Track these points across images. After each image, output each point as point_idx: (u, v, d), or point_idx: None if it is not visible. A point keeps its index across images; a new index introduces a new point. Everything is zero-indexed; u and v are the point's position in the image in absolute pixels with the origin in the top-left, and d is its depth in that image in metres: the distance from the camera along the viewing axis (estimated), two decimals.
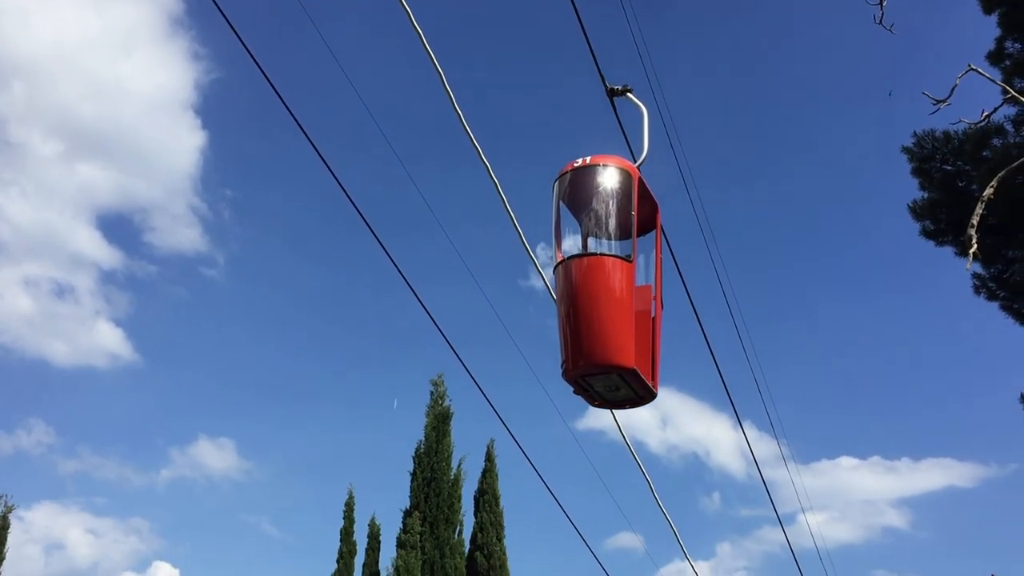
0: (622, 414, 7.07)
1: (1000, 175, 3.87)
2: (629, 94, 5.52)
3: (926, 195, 11.08)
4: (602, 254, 4.63)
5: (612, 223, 4.76)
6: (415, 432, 26.22)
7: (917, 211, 11.11)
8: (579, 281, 4.58)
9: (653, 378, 4.69)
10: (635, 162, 5.06)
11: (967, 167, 10.49)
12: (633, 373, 4.46)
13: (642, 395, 4.70)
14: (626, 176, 4.78)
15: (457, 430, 26.29)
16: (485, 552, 28.13)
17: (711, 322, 6.02)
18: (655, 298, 4.89)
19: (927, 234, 11.03)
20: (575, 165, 4.83)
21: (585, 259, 4.63)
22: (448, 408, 26.09)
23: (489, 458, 29.97)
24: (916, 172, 10.94)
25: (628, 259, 4.59)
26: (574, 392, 4.72)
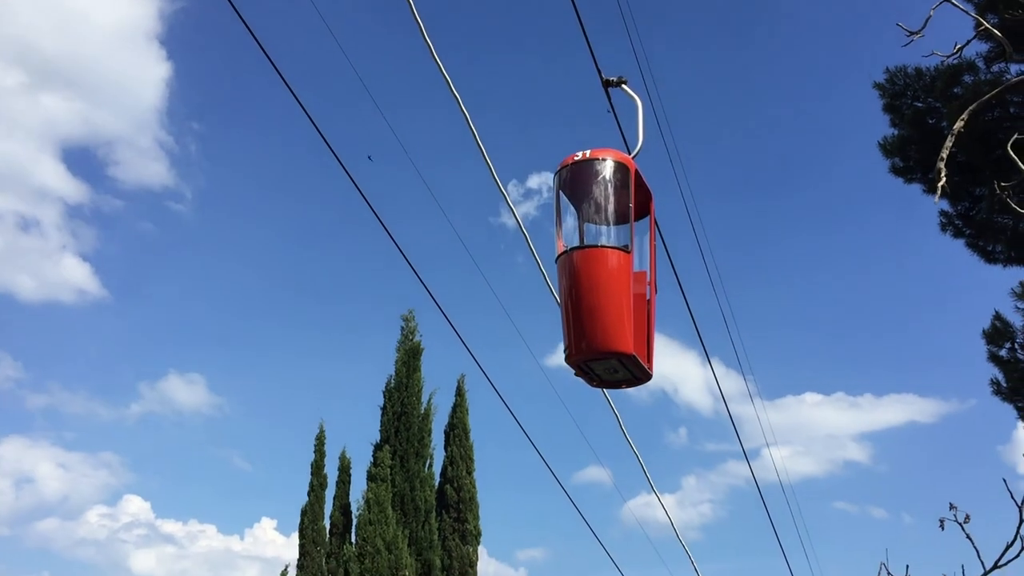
0: None
1: (971, 108, 3.88)
2: (624, 86, 5.79)
3: (896, 132, 11.07)
4: (602, 246, 4.90)
5: (610, 211, 5.03)
6: (385, 367, 26.31)
7: (887, 148, 11.12)
8: (580, 271, 4.86)
9: (649, 360, 4.98)
10: (630, 153, 5.32)
11: (937, 104, 10.48)
12: (632, 358, 4.75)
13: (639, 376, 5.00)
14: (623, 169, 5.04)
15: (427, 365, 26.42)
16: (455, 485, 28.47)
17: (680, 259, 6.06)
18: (650, 283, 5.14)
19: (896, 171, 11.06)
20: (575, 159, 5.08)
21: (586, 250, 4.91)
22: (418, 344, 26.15)
23: (459, 393, 30.17)
24: (887, 108, 10.92)
25: (626, 249, 4.86)
26: (575, 374, 5.02)
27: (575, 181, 5.18)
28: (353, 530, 23.38)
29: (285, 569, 26.38)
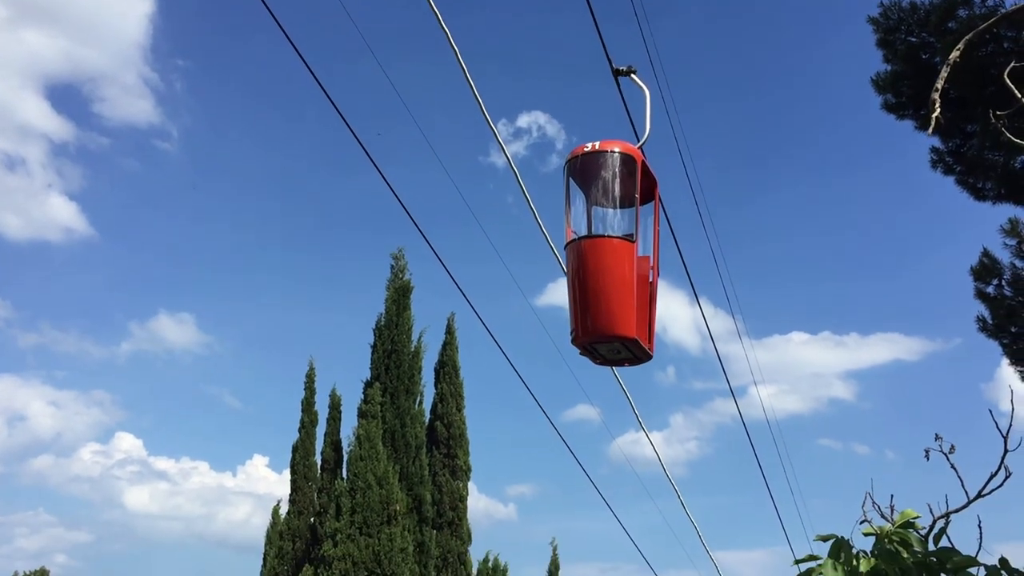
0: None
1: (967, 38, 3.84)
2: (633, 75, 6.02)
3: (889, 68, 10.97)
4: (608, 236, 5.20)
5: (617, 199, 5.31)
6: (374, 307, 26.34)
7: (880, 84, 11.02)
8: (587, 259, 5.16)
9: (650, 342, 5.26)
10: (638, 141, 5.60)
11: (931, 39, 10.37)
12: (634, 342, 5.06)
13: (640, 356, 5.30)
14: (631, 160, 5.29)
15: (417, 305, 26.43)
16: (445, 422, 28.72)
17: (670, 198, 6.10)
18: (653, 267, 5.38)
19: (888, 108, 10.97)
20: (585, 150, 5.33)
21: (593, 240, 5.21)
22: (408, 282, 26.13)
23: (449, 331, 30.27)
24: (881, 43, 10.79)
25: (631, 239, 5.15)
26: (580, 354, 5.31)
27: (585, 171, 5.40)
28: (344, 466, 23.61)
29: (277, 504, 26.72)
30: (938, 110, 3.62)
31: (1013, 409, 3.57)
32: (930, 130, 3.69)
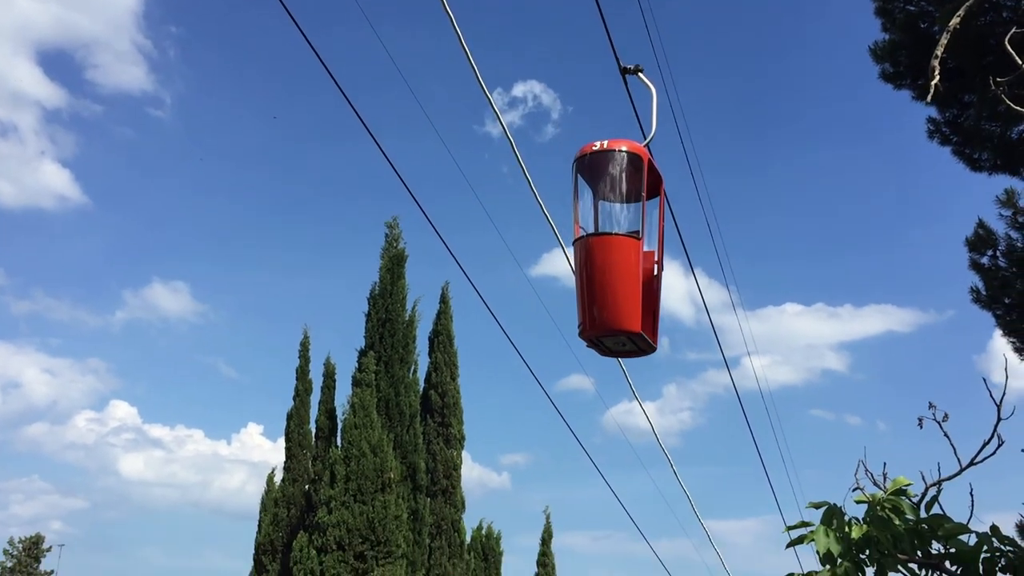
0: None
1: (967, 4, 3.80)
2: (640, 74, 6.14)
3: (888, 37, 10.89)
4: (615, 234, 5.38)
5: (623, 196, 5.52)
6: (369, 276, 26.30)
7: (878, 53, 10.95)
8: (595, 256, 5.35)
9: (654, 335, 5.44)
10: (644, 139, 5.78)
11: (930, 8, 10.29)
12: (639, 335, 5.25)
13: (644, 348, 5.50)
14: (637, 158, 5.45)
15: (411, 274, 26.40)
16: (439, 390, 28.80)
17: (666, 169, 6.13)
18: (657, 262, 5.55)
19: (886, 77, 10.91)
20: (593, 148, 5.48)
21: (600, 238, 5.39)
22: (403, 251, 26.08)
23: (444, 300, 30.28)
24: (879, 12, 10.71)
25: (637, 236, 5.34)
26: (587, 346, 5.49)
27: (593, 169, 5.57)
28: (339, 434, 23.69)
29: (272, 472, 26.84)
30: (937, 77, 3.59)
31: (1007, 378, 3.57)
32: (928, 98, 3.67)
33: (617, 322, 5.23)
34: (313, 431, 26.60)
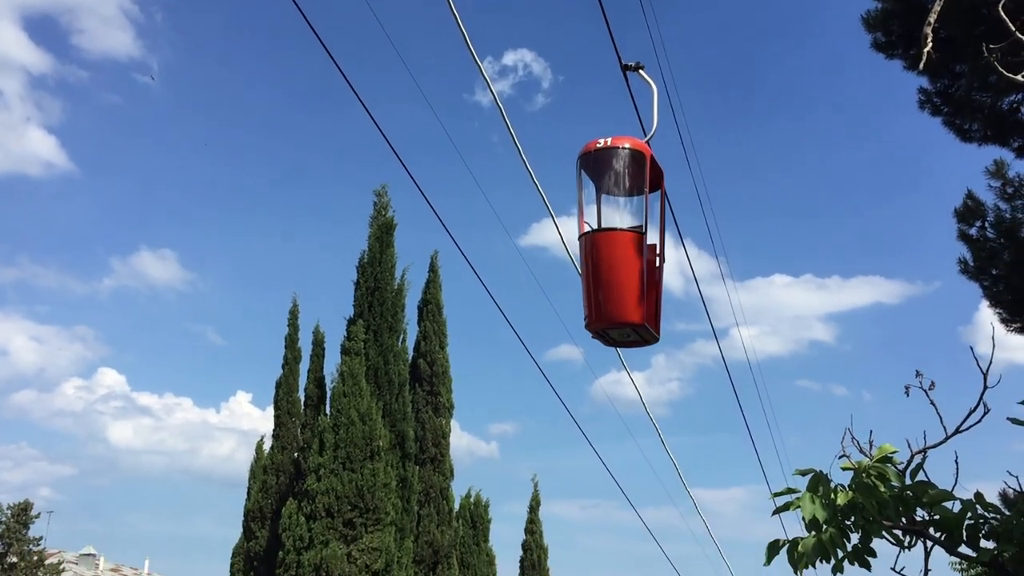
0: (565, 230, 7.93)
1: None
2: (641, 71, 6.30)
3: (880, 6, 10.82)
4: (619, 229, 5.59)
5: (627, 190, 5.74)
6: (358, 243, 26.21)
7: (870, 22, 10.88)
8: (600, 251, 5.57)
9: (657, 325, 5.66)
10: (645, 135, 5.99)
11: None
12: (643, 327, 5.48)
13: (647, 339, 5.72)
14: (640, 155, 5.65)
15: (400, 242, 26.30)
16: (428, 359, 28.83)
17: (657, 139, 6.18)
18: (659, 254, 5.75)
19: (878, 47, 10.84)
20: (597, 145, 5.68)
21: (605, 233, 5.61)
22: (391, 219, 25.97)
23: (433, 269, 30.24)
24: None
25: (640, 231, 5.53)
26: (592, 336, 5.71)
27: (597, 166, 5.79)
28: (327, 402, 23.72)
29: (261, 439, 26.90)
30: (930, 45, 3.57)
31: (994, 347, 3.59)
32: (921, 66, 3.64)
33: (622, 315, 5.45)
34: (302, 399, 26.63)
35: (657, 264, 5.74)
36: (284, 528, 21.22)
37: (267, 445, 26.67)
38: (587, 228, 5.68)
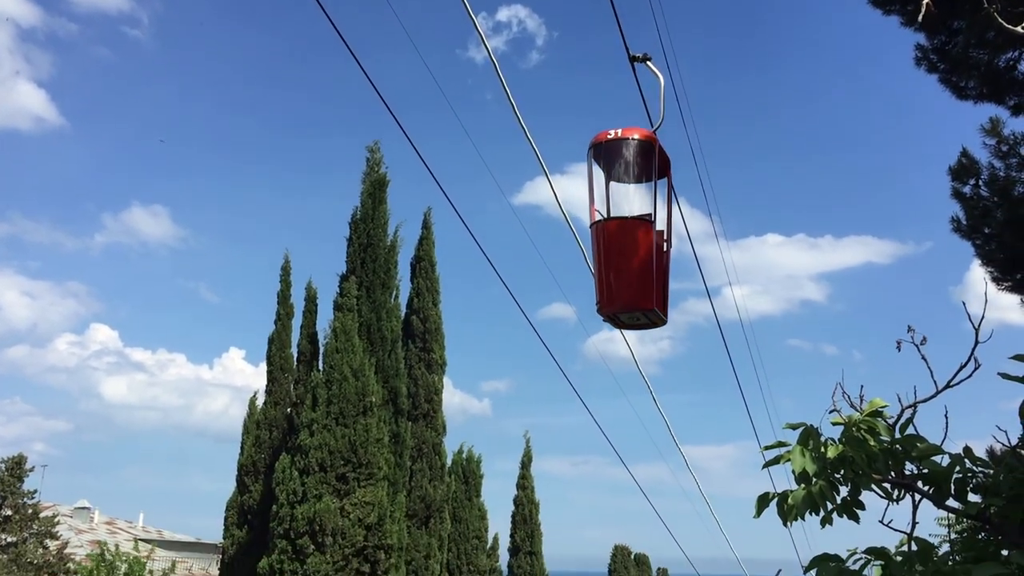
0: (559, 187, 7.99)
1: None
2: (648, 63, 6.46)
3: None
4: (629, 217, 5.84)
5: (635, 178, 5.96)
6: (350, 200, 26.06)
7: None
8: (611, 239, 5.80)
9: (665, 308, 5.86)
10: (653, 125, 6.22)
11: None
12: (653, 311, 5.73)
13: (656, 322, 5.94)
14: (648, 145, 5.89)
15: (393, 199, 26.17)
16: (421, 316, 28.87)
17: (651, 98, 6.22)
18: (666, 239, 5.97)
19: (875, 2, 10.77)
20: (608, 137, 5.94)
21: (616, 222, 5.85)
22: (384, 175, 25.82)
23: (426, 226, 30.16)
24: None
25: (649, 219, 5.80)
26: (603, 320, 5.92)
27: (608, 156, 6.03)
28: (320, 358, 23.77)
29: (254, 395, 26.97)
30: None
31: (986, 302, 3.59)
32: (920, 18, 3.61)
33: (633, 300, 5.70)
34: (295, 355, 26.67)
35: (665, 249, 5.95)
36: (277, 482, 21.37)
37: (260, 401, 26.77)
38: (598, 216, 5.91)
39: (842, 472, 3.54)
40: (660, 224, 5.94)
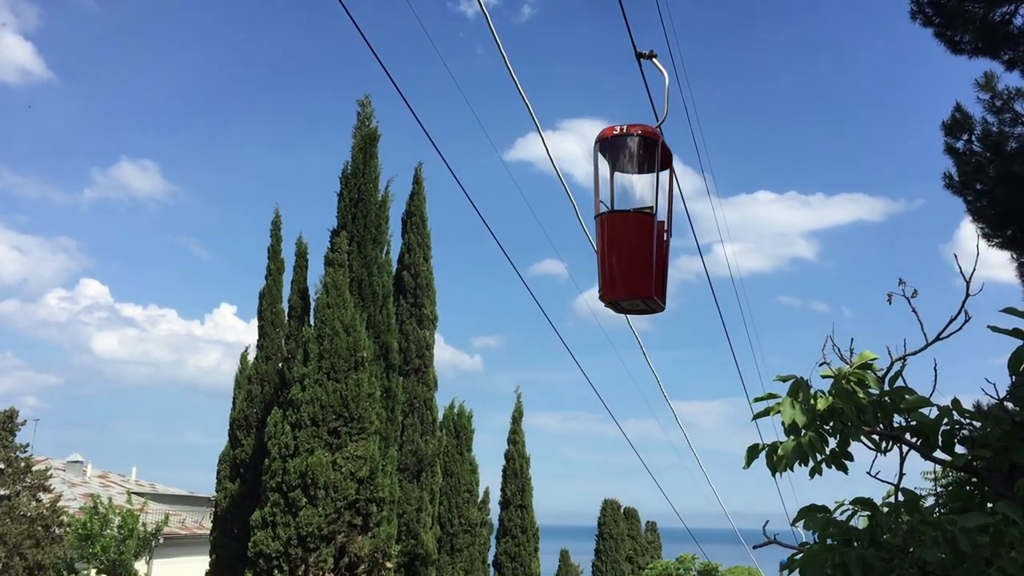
0: (551, 144, 8.36)
1: None
2: (654, 60, 6.68)
3: None
4: (632, 210, 6.18)
5: (638, 170, 6.30)
6: (341, 155, 25.87)
7: None
8: (615, 231, 6.14)
9: (663, 295, 6.20)
10: (657, 120, 6.53)
11: None
12: (652, 299, 6.07)
13: (655, 308, 6.28)
14: (652, 141, 6.22)
15: (384, 154, 25.97)
16: (412, 271, 28.84)
17: (655, 90, 6.28)
18: (667, 230, 6.30)
19: None
20: (614, 132, 6.26)
21: (620, 214, 6.18)
22: (375, 130, 25.60)
23: (417, 181, 30.00)
24: None
25: (651, 211, 6.13)
26: (605, 305, 6.25)
27: (613, 151, 6.35)
28: (311, 313, 23.75)
29: (246, 350, 26.98)
30: None
31: (977, 255, 3.59)
32: None
33: (634, 289, 6.02)
34: (286, 310, 26.63)
35: (665, 239, 6.26)
36: (270, 436, 21.46)
37: (251, 356, 26.78)
38: (603, 209, 6.23)
39: (831, 424, 3.57)
40: (661, 215, 6.26)
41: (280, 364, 26.11)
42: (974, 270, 3.55)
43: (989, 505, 3.49)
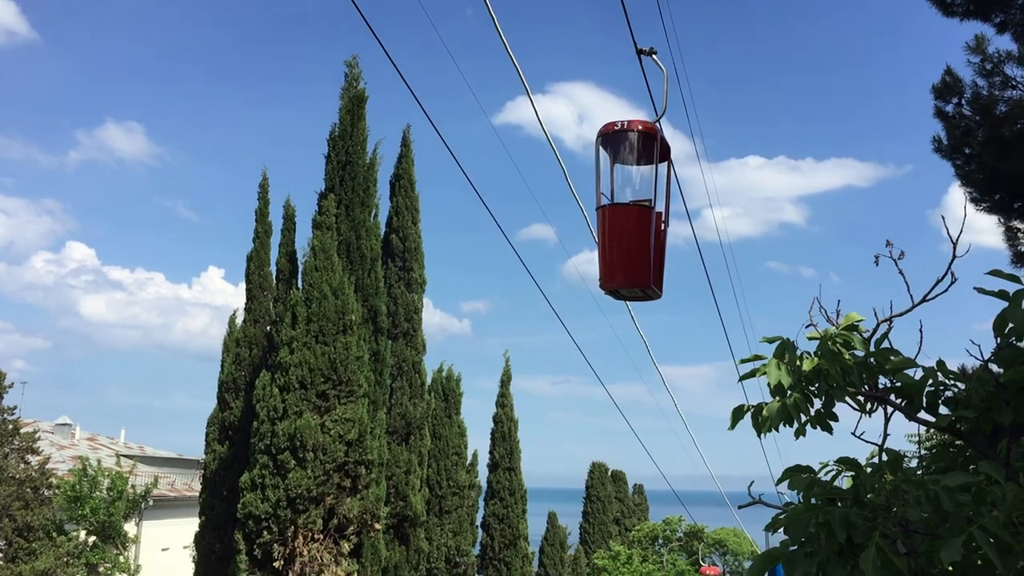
0: (541, 107, 8.42)
1: None
2: (654, 56, 6.90)
3: None
4: (632, 203, 6.48)
5: (638, 163, 6.58)
6: (329, 116, 25.66)
7: None
8: (615, 223, 6.43)
9: (660, 284, 6.47)
10: (657, 114, 6.84)
11: None
12: (651, 288, 6.36)
13: (652, 296, 6.56)
14: (651, 136, 6.50)
15: (372, 116, 25.76)
16: (400, 235, 28.77)
17: (635, 20, 6.28)
18: (664, 221, 6.56)
19: None
20: (615, 128, 6.54)
21: (620, 207, 6.49)
22: (363, 91, 25.37)
23: (405, 143, 29.83)
24: None
25: (649, 204, 6.41)
26: (605, 293, 6.50)
27: (614, 144, 6.62)
28: (299, 276, 23.69)
29: (234, 313, 26.93)
30: None
31: (965, 216, 3.59)
32: None
33: (634, 279, 6.31)
34: (274, 273, 26.55)
35: (663, 229, 6.52)
36: (258, 399, 21.48)
37: (240, 319, 26.73)
38: (603, 201, 6.50)
39: (817, 385, 3.57)
40: (659, 206, 6.50)
41: (268, 327, 26.09)
42: (961, 231, 3.55)
43: (972, 466, 3.51)
